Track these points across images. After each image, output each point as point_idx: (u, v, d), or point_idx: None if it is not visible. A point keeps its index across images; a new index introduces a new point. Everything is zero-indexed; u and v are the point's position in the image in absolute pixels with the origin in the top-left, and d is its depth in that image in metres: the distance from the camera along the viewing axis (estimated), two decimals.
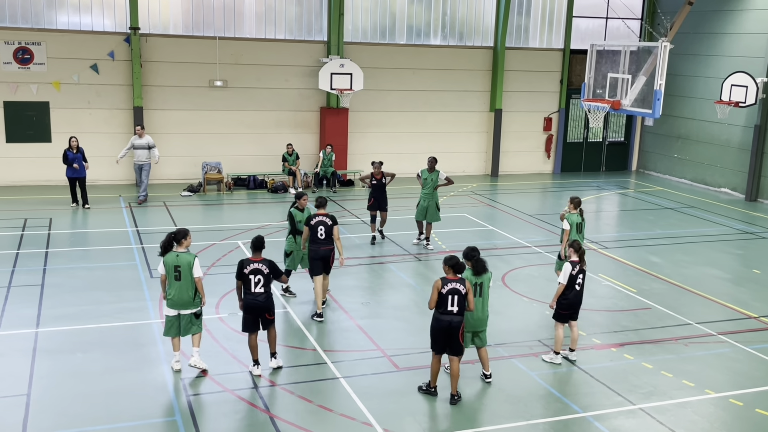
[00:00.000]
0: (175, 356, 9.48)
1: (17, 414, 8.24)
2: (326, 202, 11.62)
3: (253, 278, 9.12)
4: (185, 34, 21.06)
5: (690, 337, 11.13)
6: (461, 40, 23.80)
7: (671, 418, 8.69)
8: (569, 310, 10.01)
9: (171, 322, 9.27)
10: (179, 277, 9.08)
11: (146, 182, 18.71)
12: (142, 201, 18.65)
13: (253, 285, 9.13)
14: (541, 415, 8.64)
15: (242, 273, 9.14)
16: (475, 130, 24.34)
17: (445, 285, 8.58)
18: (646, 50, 16.28)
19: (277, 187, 20.81)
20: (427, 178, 15.18)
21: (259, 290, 9.14)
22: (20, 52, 19.70)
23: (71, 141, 17.65)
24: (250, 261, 9.20)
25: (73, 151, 17.57)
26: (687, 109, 23.98)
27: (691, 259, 15.33)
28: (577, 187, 23.09)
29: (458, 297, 8.60)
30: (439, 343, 8.77)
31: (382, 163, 15.45)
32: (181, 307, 9.19)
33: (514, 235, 16.52)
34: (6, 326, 10.64)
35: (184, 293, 9.12)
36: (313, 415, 8.47)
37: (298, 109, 22.30)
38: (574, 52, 24.67)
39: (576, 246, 9.99)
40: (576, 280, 9.88)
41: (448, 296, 8.58)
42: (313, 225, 11.32)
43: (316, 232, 11.31)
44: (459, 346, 8.78)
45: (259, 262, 9.19)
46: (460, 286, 8.62)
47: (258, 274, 9.13)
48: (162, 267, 9.18)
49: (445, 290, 8.58)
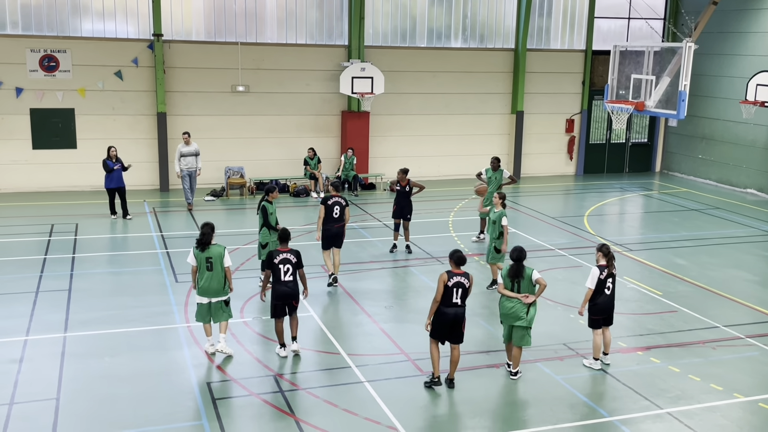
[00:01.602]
0: (208, 341, 10.01)
1: (47, 417, 8.35)
2: (341, 185, 13.02)
3: (282, 267, 9.67)
4: (207, 40, 21.24)
5: (717, 341, 11.01)
6: (482, 42, 23.76)
7: (699, 422, 8.60)
8: (602, 315, 9.89)
9: (203, 309, 9.85)
10: (211, 268, 9.67)
11: (195, 188, 18.82)
12: (191, 206, 18.73)
13: (282, 274, 9.66)
14: (567, 420, 8.58)
15: (272, 263, 9.67)
16: (497, 132, 24.27)
17: (450, 278, 8.91)
18: (670, 51, 16.15)
19: (299, 191, 20.90)
20: (492, 176, 15.63)
21: (288, 278, 9.71)
22: (46, 60, 19.98)
23: (110, 150, 17.28)
24: (279, 252, 9.73)
25: (112, 160, 17.27)
26: (711, 110, 23.73)
27: (717, 261, 15.16)
28: (601, 189, 22.94)
29: (462, 290, 8.95)
30: (442, 333, 9.08)
31: (408, 170, 15.15)
32: (212, 295, 9.75)
33: (537, 238, 16.44)
34: (35, 331, 10.78)
35: (215, 282, 9.69)
36: (337, 419, 8.49)
37: (319, 113, 22.38)
38: (596, 53, 24.52)
39: (605, 250, 9.90)
40: (605, 284, 9.76)
41: (453, 289, 8.91)
42: (330, 205, 12.59)
43: (331, 212, 12.56)
44: (460, 335, 9.12)
45: (288, 252, 9.75)
46: (464, 280, 8.97)
47: (287, 264, 9.69)
48: (193, 258, 9.78)
49: (450, 283, 8.91)
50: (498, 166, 15.71)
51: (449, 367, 9.30)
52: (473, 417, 8.63)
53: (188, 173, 18.54)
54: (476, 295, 12.70)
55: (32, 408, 8.59)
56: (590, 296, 9.76)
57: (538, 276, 9.44)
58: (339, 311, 11.96)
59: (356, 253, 15.11)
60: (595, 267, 9.83)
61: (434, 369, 9.17)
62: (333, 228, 12.64)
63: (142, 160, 20.31)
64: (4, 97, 19.87)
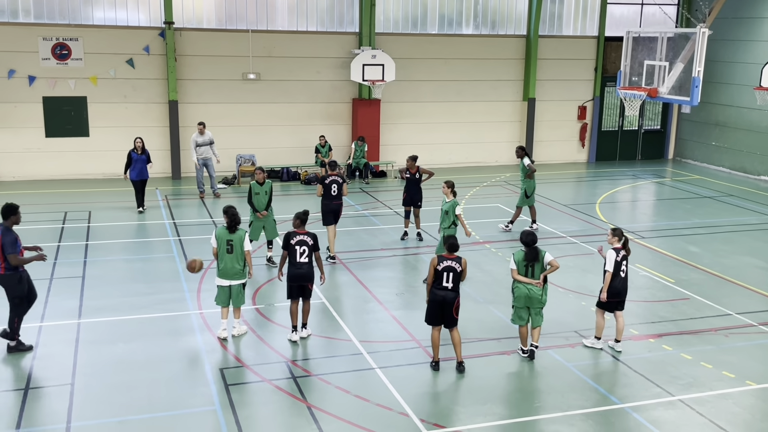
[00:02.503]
0: (222, 324, 10.22)
1: (62, 402, 8.45)
2: (337, 165, 13.92)
3: (298, 249, 9.83)
4: (218, 27, 21.23)
5: (730, 328, 10.97)
6: (494, 29, 23.63)
7: (711, 409, 8.59)
8: (616, 298, 9.93)
9: (223, 293, 10.10)
10: (231, 250, 9.92)
11: (214, 175, 18.94)
12: (218, 194, 18.86)
13: (298, 255, 9.82)
14: (578, 407, 8.59)
15: (289, 244, 9.82)
16: (508, 119, 24.18)
17: (441, 262, 9.08)
18: (684, 36, 15.99)
19: (310, 179, 20.91)
20: (520, 165, 15.94)
21: (303, 260, 9.85)
22: (58, 48, 20.05)
23: (136, 141, 17.00)
24: (296, 233, 9.91)
25: (137, 152, 16.92)
26: (725, 96, 23.53)
27: (730, 249, 15.07)
28: (613, 177, 22.83)
29: (453, 274, 9.08)
30: (434, 316, 9.24)
31: (417, 157, 15.20)
32: (231, 277, 9.98)
33: (549, 225, 16.40)
34: (49, 317, 10.89)
35: (235, 264, 9.94)
36: (349, 405, 8.53)
37: (330, 101, 22.35)
38: (608, 40, 24.33)
39: (619, 233, 9.96)
40: (620, 267, 9.80)
41: (443, 273, 9.07)
42: (328, 183, 13.51)
43: (330, 189, 13.46)
44: (453, 319, 9.23)
45: (305, 234, 9.92)
46: (456, 264, 9.10)
47: (303, 245, 9.85)
48: (214, 240, 10.01)
49: (440, 267, 9.06)
50: (522, 154, 15.89)
51: (455, 351, 9.38)
52: (484, 403, 8.65)
53: (203, 162, 18.62)
54: (487, 282, 12.71)
55: (47, 393, 8.69)
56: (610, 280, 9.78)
57: (550, 258, 9.59)
58: (350, 298, 11.99)
59: (367, 241, 15.13)
60: (611, 250, 9.85)
61: (434, 353, 9.41)
62: (331, 204, 13.58)
63: (154, 148, 20.32)
64: (17, 85, 19.96)
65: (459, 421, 8.26)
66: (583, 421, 8.30)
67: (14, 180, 20.37)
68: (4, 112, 20.01)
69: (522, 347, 9.86)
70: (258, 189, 13.12)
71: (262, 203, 13.12)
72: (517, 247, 14.53)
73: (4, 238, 9.32)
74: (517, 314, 9.73)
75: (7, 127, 20.11)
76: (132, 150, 16.97)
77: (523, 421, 8.32)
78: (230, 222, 9.95)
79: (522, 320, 9.73)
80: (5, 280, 9.52)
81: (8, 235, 9.35)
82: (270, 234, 13.33)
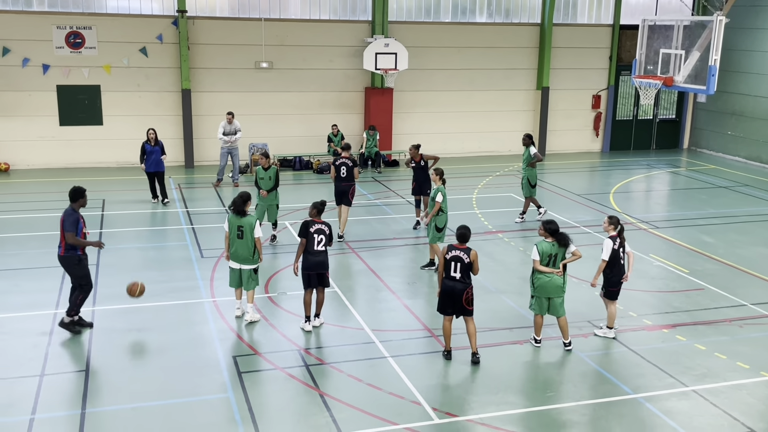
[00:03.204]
0: (236, 304, 10.55)
1: (77, 389, 8.52)
2: (350, 147, 14.71)
3: (317, 237, 9.90)
4: (231, 16, 21.21)
5: (745, 319, 10.89)
6: (507, 17, 23.47)
7: (725, 400, 8.54)
8: (618, 287, 9.96)
9: (234, 275, 10.33)
10: (242, 236, 10.09)
11: (238, 165, 19.07)
12: (237, 183, 18.94)
13: (315, 243, 9.90)
14: (590, 396, 8.57)
15: (308, 232, 9.89)
16: (522, 108, 24.05)
17: (449, 252, 9.06)
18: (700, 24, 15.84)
19: (323, 168, 20.90)
20: (524, 153, 15.69)
21: (320, 248, 9.93)
22: (72, 37, 20.10)
23: (149, 133, 16.67)
24: (314, 222, 9.97)
25: (150, 143, 16.62)
26: (742, 85, 23.28)
27: (745, 239, 14.95)
28: (627, 166, 22.68)
29: (461, 264, 9.01)
30: (444, 305, 9.20)
31: (420, 145, 15.15)
32: (241, 262, 10.18)
33: (562, 215, 16.32)
34: (64, 304, 10.93)
35: (245, 250, 10.11)
36: (362, 393, 8.55)
37: (342, 90, 22.31)
38: (623, 28, 24.12)
39: (615, 221, 9.99)
40: (618, 255, 9.84)
41: (451, 263, 9.03)
42: (337, 165, 14.14)
43: (339, 171, 14.09)
44: (465, 309, 9.16)
45: (322, 223, 9.98)
46: (464, 255, 9.01)
47: (321, 234, 9.94)
48: (226, 225, 10.25)
49: (448, 256, 9.04)
50: (528, 142, 15.65)
51: (470, 341, 9.32)
52: (496, 393, 8.65)
53: (228, 151, 18.73)
54: (499, 272, 12.68)
55: (62, 380, 8.76)
56: (603, 268, 9.82)
57: (574, 248, 9.56)
58: (363, 287, 12.00)
59: (379, 230, 15.12)
60: (607, 238, 9.86)
61: (445, 342, 9.41)
62: (340, 186, 14.18)
63: (167, 137, 20.36)
64: (32, 74, 20.05)
65: (471, 410, 8.26)
66: (596, 411, 8.28)
67: (28, 168, 20.50)
68: (18, 101, 20.12)
69: (535, 336, 9.84)
70: (263, 174, 13.77)
71: (266, 185, 13.79)
72: (529, 236, 14.53)
73: (66, 218, 9.69)
74: (538, 303, 9.67)
75: (21, 115, 20.22)
76: (145, 141, 16.71)
77: (535, 410, 8.31)
78: (234, 207, 10.14)
79: (542, 310, 9.67)
80: (65, 261, 9.83)
81: (72, 215, 9.72)
82: (271, 217, 14.01)
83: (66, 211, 9.80)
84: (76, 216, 9.77)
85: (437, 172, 12.64)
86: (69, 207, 9.86)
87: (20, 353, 9.39)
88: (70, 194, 9.92)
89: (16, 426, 7.75)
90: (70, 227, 9.65)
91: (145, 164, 16.74)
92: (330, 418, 8.01)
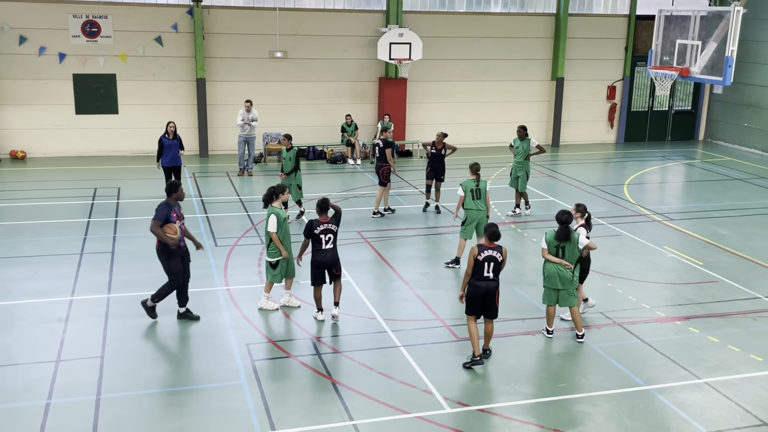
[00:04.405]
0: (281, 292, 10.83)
1: (92, 375, 8.62)
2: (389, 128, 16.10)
3: (324, 237, 9.82)
4: (246, 5, 21.22)
5: (759, 311, 10.84)
6: (522, 7, 23.33)
7: (738, 392, 8.52)
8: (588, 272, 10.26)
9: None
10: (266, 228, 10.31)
11: (253, 155, 19.16)
12: (251, 173, 19.01)
13: (323, 243, 9.83)
14: (603, 388, 8.57)
15: (313, 233, 9.80)
16: (536, 99, 23.94)
17: (481, 252, 8.84)
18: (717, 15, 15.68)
19: (336, 158, 20.93)
20: (519, 146, 15.43)
21: (328, 247, 9.87)
22: (88, 26, 20.20)
23: (168, 126, 15.94)
24: (319, 222, 9.81)
25: (168, 137, 15.89)
26: (759, 76, 23.05)
27: (761, 232, 14.85)
28: (642, 158, 22.55)
29: (494, 264, 8.87)
30: (476, 307, 8.99)
31: (447, 134, 15.53)
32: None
33: None
34: (80, 291, 11.08)
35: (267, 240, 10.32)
36: (374, 382, 8.60)
37: (357, 80, 22.30)
38: (640, 18, 23.92)
39: (582, 209, 10.01)
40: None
41: (485, 263, 8.85)
42: (373, 145, 15.63)
43: (374, 152, 15.49)
44: (494, 309, 9.06)
45: (328, 222, 9.86)
46: (497, 254, 8.90)
47: (329, 233, 9.86)
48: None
49: (481, 257, 8.83)
50: (525, 135, 15.39)
51: (484, 338, 9.22)
52: (508, 383, 8.67)
53: (245, 139, 18.81)
54: (512, 262, 12.65)
55: (78, 365, 8.87)
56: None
57: (586, 241, 9.59)
58: (375, 277, 12.04)
59: (392, 220, 15.15)
60: (582, 228, 9.81)
61: (474, 348, 8.97)
62: (376, 164, 15.21)
63: (182, 125, 20.44)
64: (48, 62, 20.18)
65: (483, 400, 8.30)
66: (608, 402, 8.28)
67: (44, 156, 20.66)
68: (35, 89, 20.26)
69: (547, 327, 9.84)
70: (285, 154, 14.70)
71: (287, 167, 14.61)
72: (542, 227, 14.50)
73: (157, 208, 9.73)
74: (548, 294, 9.70)
75: (38, 103, 20.37)
76: (163, 135, 15.97)
77: (547, 401, 8.33)
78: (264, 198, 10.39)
79: (552, 301, 9.70)
80: (158, 253, 9.86)
81: (163, 208, 9.70)
82: (295, 195, 14.66)
83: (160, 203, 9.83)
84: (166, 211, 9.66)
85: (473, 168, 12.41)
86: (164, 200, 9.87)
87: (37, 339, 9.50)
88: (166, 188, 9.97)
89: (33, 410, 7.87)
90: (157, 216, 9.62)
91: (163, 159, 15.99)
92: (342, 406, 8.07)
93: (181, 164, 16.37)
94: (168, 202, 9.81)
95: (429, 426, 7.76)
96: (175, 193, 9.87)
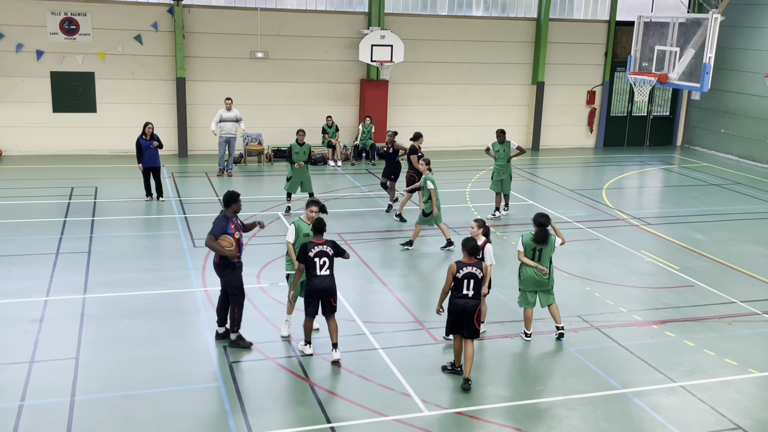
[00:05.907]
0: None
1: (67, 377, 8.51)
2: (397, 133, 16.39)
3: (318, 261, 8.87)
4: (227, 5, 21.12)
5: (734, 316, 10.96)
6: (503, 11, 23.45)
7: (713, 396, 8.60)
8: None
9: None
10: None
11: (234, 155, 18.93)
12: (231, 174, 18.86)
13: (318, 268, 8.88)
14: (580, 391, 8.62)
15: (307, 256, 8.86)
16: (517, 103, 24.06)
17: (460, 269, 8.41)
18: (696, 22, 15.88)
19: (317, 160, 20.88)
20: (499, 149, 15.47)
21: (324, 273, 8.91)
22: (66, 23, 19.98)
23: (146, 127, 15.79)
24: (314, 244, 8.91)
25: (145, 138, 15.73)
26: (736, 83, 23.35)
27: (736, 237, 15.03)
28: (620, 162, 22.74)
29: (474, 281, 8.43)
30: (455, 325, 8.60)
31: (396, 133, 16.36)
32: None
33: (555, 210, 16.36)
34: (55, 292, 10.95)
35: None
36: (352, 384, 8.58)
37: (338, 81, 22.27)
38: (619, 24, 24.13)
39: (481, 223, 9.69)
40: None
41: (464, 280, 8.41)
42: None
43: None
44: (474, 330, 8.55)
45: (323, 244, 8.96)
46: (476, 270, 8.44)
47: (323, 257, 8.91)
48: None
49: (460, 275, 8.40)
50: (504, 138, 15.50)
51: (464, 364, 8.65)
52: (486, 386, 8.69)
53: (226, 139, 18.63)
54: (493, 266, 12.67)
55: (52, 367, 8.76)
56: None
57: (560, 241, 9.70)
58: (354, 279, 12.02)
59: (372, 222, 15.14)
60: (487, 243, 9.57)
61: (455, 359, 8.83)
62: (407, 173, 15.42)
63: (161, 125, 20.29)
64: (25, 59, 19.93)
65: (460, 403, 8.30)
66: (584, 405, 8.33)
67: (21, 154, 20.41)
68: (11, 86, 20.01)
69: (525, 330, 9.88)
70: (298, 149, 15.12)
71: (300, 159, 15.10)
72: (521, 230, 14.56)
73: (215, 222, 9.11)
74: (524, 297, 9.74)
75: (14, 101, 20.12)
76: (140, 136, 15.80)
77: (524, 404, 8.35)
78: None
79: (529, 303, 9.73)
80: (218, 269, 9.25)
81: (221, 221, 9.06)
82: (307, 188, 15.30)
83: (218, 216, 9.22)
84: (224, 224, 9.02)
85: (426, 161, 13.48)
86: (221, 212, 9.22)
87: (10, 340, 9.37)
88: (224, 199, 9.25)
89: (6, 412, 7.75)
90: (213, 230, 8.99)
91: (143, 160, 15.79)
92: (320, 409, 8.04)
93: (159, 165, 16.22)
94: (225, 213, 9.13)
95: (407, 429, 7.75)
96: (234, 204, 9.14)
